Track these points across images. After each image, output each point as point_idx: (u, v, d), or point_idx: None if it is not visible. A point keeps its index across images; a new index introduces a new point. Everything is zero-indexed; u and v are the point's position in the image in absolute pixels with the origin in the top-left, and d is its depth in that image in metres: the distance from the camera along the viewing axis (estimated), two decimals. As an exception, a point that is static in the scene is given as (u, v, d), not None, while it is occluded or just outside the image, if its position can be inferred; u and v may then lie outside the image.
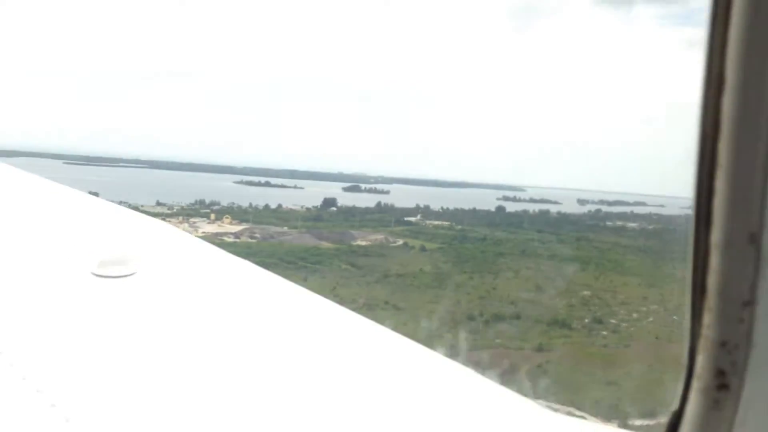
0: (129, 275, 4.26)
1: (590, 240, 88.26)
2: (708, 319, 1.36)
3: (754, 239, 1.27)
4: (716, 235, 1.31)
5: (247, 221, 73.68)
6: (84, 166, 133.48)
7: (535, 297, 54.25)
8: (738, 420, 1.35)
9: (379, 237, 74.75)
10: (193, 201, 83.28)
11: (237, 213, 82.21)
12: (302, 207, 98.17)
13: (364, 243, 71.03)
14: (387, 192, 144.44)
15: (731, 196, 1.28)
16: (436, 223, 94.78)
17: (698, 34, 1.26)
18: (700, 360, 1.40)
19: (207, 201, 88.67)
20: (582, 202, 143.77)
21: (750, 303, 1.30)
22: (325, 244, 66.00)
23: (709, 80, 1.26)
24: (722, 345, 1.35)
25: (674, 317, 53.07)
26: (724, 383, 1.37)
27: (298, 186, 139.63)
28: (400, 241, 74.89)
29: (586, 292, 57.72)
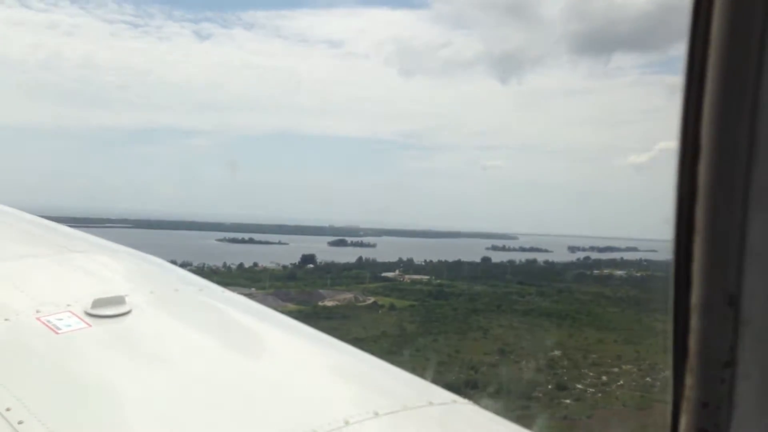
0: (125, 314, 4.03)
1: (572, 292, 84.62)
2: (690, 380, 1.35)
3: (733, 301, 1.26)
4: (695, 298, 1.30)
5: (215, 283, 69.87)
6: (69, 226, 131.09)
7: (499, 361, 50.16)
8: None
9: (349, 296, 71.04)
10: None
11: (206, 274, 78.50)
12: (279, 265, 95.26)
13: (330, 303, 67.30)
14: (373, 245, 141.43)
15: (709, 259, 1.28)
16: (416, 277, 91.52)
17: (678, 80, 1.31)
18: (684, 421, 1.38)
19: (179, 261, 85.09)
20: (573, 249, 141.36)
21: (730, 364, 1.29)
22: (289, 306, 62.17)
23: (685, 146, 1.28)
24: (704, 406, 1.34)
25: (647, 378, 49.06)
26: None
27: (283, 242, 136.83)
28: (371, 300, 71.21)
29: (557, 352, 53.66)
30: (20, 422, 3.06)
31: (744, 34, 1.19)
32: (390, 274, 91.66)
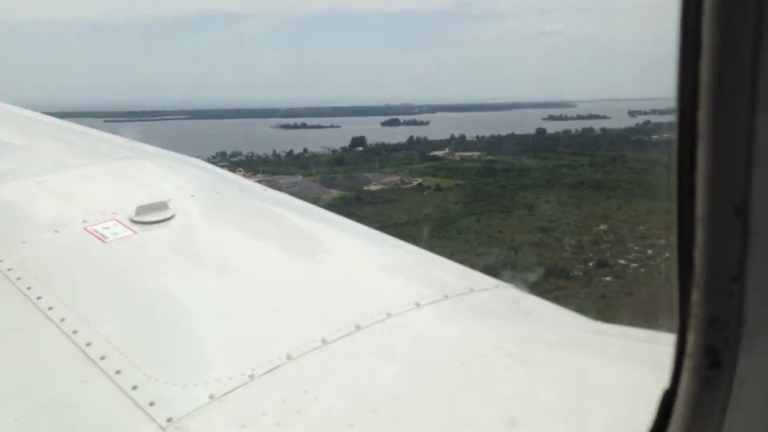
0: (169, 219, 4.08)
1: (626, 160, 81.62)
2: (696, 295, 1.31)
3: (740, 211, 1.21)
4: (700, 208, 1.25)
5: (263, 172, 69.85)
6: (125, 122, 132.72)
7: (542, 239, 48.96)
8: (732, 398, 1.32)
9: (395, 179, 70.14)
10: (214, 153, 79.66)
11: (255, 163, 78.80)
12: (328, 149, 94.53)
13: (376, 187, 66.62)
14: (426, 123, 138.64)
15: (713, 167, 1.22)
16: (466, 154, 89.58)
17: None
18: (691, 338, 1.34)
19: (228, 152, 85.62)
20: (633, 113, 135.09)
21: (738, 277, 1.24)
22: (333, 193, 61.95)
23: (685, 43, 1.21)
24: (712, 322, 1.30)
25: (695, 251, 47.16)
26: (716, 361, 1.32)
27: (335, 125, 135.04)
28: (418, 181, 70.19)
29: (603, 227, 52.07)
30: (74, 332, 3.09)
31: None
32: (440, 153, 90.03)
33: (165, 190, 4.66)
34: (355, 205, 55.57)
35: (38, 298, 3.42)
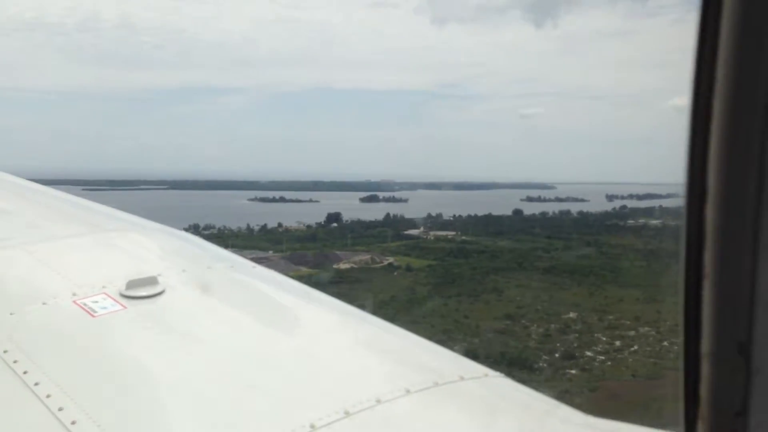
0: (159, 294, 4.05)
1: (601, 245, 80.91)
2: (702, 428, 1.34)
3: (743, 349, 1.24)
4: (705, 345, 1.28)
5: (233, 246, 68.20)
6: (104, 191, 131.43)
7: (509, 326, 47.41)
8: None
9: (366, 257, 68.78)
10: (186, 226, 78.10)
11: (226, 237, 77.29)
12: (303, 225, 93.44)
13: (345, 266, 65.16)
14: (405, 200, 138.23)
15: (718, 305, 1.26)
16: (441, 233, 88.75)
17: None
18: None
19: (202, 225, 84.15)
20: (610, 197, 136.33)
21: (742, 414, 1.26)
22: (302, 270, 60.33)
23: (692, 189, 1.25)
24: None
25: (664, 342, 45.71)
26: None
27: (314, 199, 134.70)
28: (389, 260, 68.85)
29: (572, 314, 50.62)
30: (60, 409, 3.05)
31: (750, 84, 1.17)
32: (415, 232, 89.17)
33: (156, 265, 4.63)
34: (323, 285, 53.90)
35: (24, 372, 3.33)
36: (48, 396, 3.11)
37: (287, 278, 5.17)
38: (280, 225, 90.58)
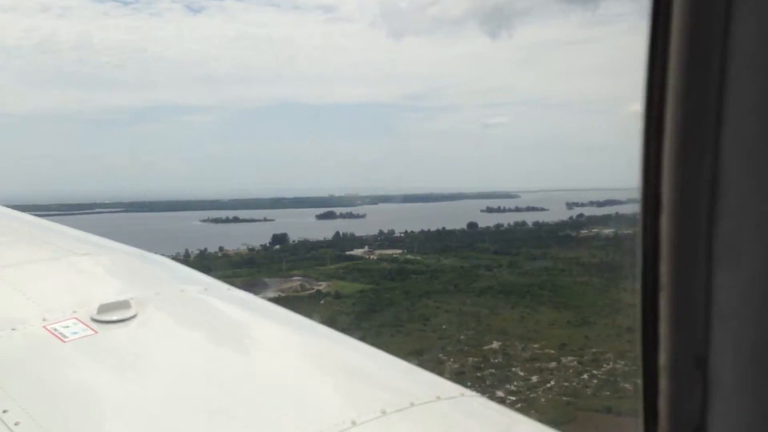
0: (131, 318, 3.97)
1: (546, 260, 77.63)
2: None
3: (700, 363, 1.22)
4: (663, 359, 1.26)
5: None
6: (58, 216, 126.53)
7: (423, 361, 43.47)
8: None
9: (296, 284, 64.86)
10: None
11: (159, 265, 73.03)
12: (247, 247, 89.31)
13: (271, 294, 61.05)
14: (363, 216, 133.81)
15: (675, 318, 1.24)
16: (387, 252, 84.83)
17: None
18: None
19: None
20: (570, 205, 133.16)
21: (701, 428, 1.24)
22: (223, 302, 56.23)
23: (647, 200, 1.22)
24: None
25: (584, 375, 42.07)
26: None
27: (268, 218, 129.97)
28: (321, 286, 64.95)
29: (495, 344, 46.88)
30: None
31: (700, 82, 1.15)
32: (359, 251, 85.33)
33: (128, 288, 4.55)
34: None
35: None
36: (16, 423, 3.07)
37: (263, 301, 5.03)
38: (221, 249, 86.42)
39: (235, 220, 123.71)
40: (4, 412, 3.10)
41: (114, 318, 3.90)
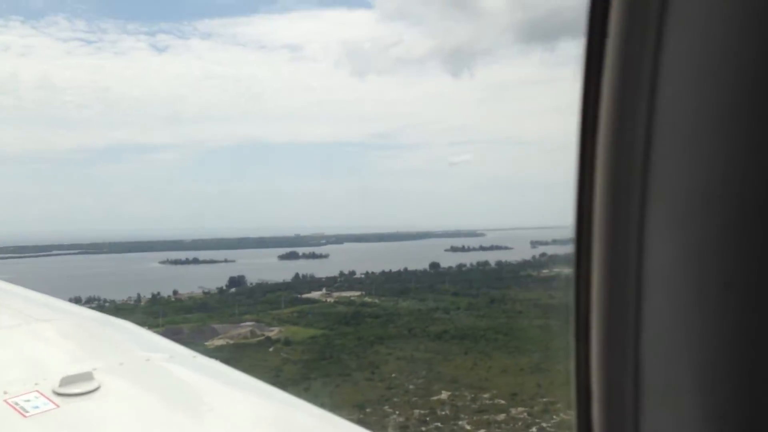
0: (94, 390, 3.86)
1: (505, 302, 76.31)
2: None
3: (634, 387, 1.20)
4: (596, 386, 1.25)
5: (109, 322, 61.09)
6: (9, 258, 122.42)
7: (365, 417, 41.37)
8: None
9: (245, 330, 62.38)
10: (70, 297, 70.66)
11: (108, 310, 69.98)
12: (202, 290, 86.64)
13: (219, 342, 58.77)
14: (326, 256, 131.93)
15: (606, 345, 1.21)
16: (345, 294, 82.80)
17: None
18: None
19: (84, 297, 76.88)
20: (534, 244, 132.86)
21: None
22: (167, 351, 53.54)
23: (579, 229, 1.21)
24: None
25: (532, 429, 40.25)
26: None
27: (229, 259, 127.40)
28: (272, 332, 62.58)
29: (444, 395, 44.93)
30: None
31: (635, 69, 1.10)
32: (317, 294, 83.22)
33: (91, 358, 4.37)
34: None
35: None
36: None
37: (230, 369, 4.71)
38: (175, 292, 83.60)
39: (195, 261, 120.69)
40: None
41: (77, 391, 3.76)
